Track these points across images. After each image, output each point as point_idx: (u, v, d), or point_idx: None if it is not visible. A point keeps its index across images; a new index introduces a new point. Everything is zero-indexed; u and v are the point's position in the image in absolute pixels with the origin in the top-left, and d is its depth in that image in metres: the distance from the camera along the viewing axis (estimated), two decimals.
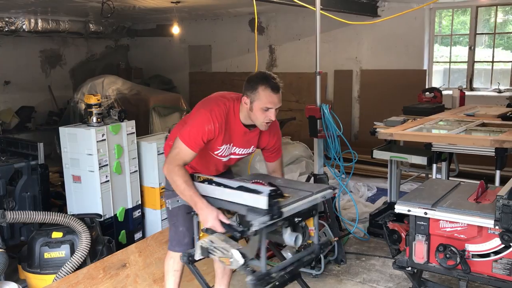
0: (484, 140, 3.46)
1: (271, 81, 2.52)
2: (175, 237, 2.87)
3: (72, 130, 3.96)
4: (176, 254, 2.85)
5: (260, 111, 2.52)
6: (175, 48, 9.45)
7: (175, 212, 2.78)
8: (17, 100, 8.17)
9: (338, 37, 7.41)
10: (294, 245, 2.32)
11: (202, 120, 2.52)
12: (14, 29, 7.15)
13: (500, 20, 6.72)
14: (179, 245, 2.86)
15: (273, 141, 2.80)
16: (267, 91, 2.50)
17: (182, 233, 2.84)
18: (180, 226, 2.84)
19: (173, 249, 2.89)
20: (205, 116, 2.52)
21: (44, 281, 3.25)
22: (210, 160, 2.72)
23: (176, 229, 2.85)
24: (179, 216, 2.80)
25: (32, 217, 3.41)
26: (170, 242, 2.93)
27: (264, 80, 2.51)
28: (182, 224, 2.82)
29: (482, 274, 2.31)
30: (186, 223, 2.78)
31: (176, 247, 2.87)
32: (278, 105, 2.55)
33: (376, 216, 4.43)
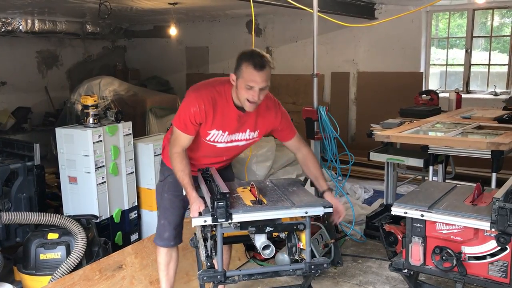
0: (480, 142, 3.47)
1: (256, 58, 2.41)
2: (157, 230, 2.88)
3: (69, 131, 3.94)
4: (158, 247, 2.87)
5: (243, 89, 2.44)
6: (172, 50, 9.44)
7: (159, 203, 2.86)
8: (13, 100, 8.14)
9: (335, 39, 7.42)
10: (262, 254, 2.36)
11: (189, 102, 2.51)
12: (11, 30, 7.14)
13: (496, 24, 6.75)
14: (159, 238, 2.86)
15: (277, 122, 2.70)
16: (250, 68, 2.40)
17: (162, 227, 2.83)
18: (161, 218, 2.84)
19: (155, 242, 2.90)
20: (192, 98, 2.52)
21: (40, 282, 3.24)
22: (203, 148, 2.67)
23: (159, 220, 2.86)
24: (161, 208, 2.85)
25: (27, 218, 3.40)
26: (156, 235, 2.93)
27: (248, 56, 2.42)
28: (164, 217, 2.83)
29: (478, 276, 2.31)
30: (168, 216, 2.81)
31: (157, 240, 2.88)
32: (261, 84, 2.43)
33: (372, 218, 4.43)
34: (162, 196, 2.84)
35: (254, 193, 2.53)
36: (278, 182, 2.75)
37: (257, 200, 2.45)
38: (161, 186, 2.86)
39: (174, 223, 2.83)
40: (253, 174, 5.25)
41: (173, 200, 2.80)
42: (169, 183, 2.79)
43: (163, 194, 2.84)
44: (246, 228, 2.34)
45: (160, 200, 2.86)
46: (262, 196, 2.51)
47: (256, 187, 2.53)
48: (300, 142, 2.82)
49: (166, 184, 2.81)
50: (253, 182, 2.65)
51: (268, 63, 2.43)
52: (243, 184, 2.78)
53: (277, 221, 2.38)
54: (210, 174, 2.67)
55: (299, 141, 2.81)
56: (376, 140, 4.03)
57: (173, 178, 2.65)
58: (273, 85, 8.60)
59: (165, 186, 2.82)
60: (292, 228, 2.39)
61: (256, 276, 2.43)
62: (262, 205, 2.41)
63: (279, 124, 2.71)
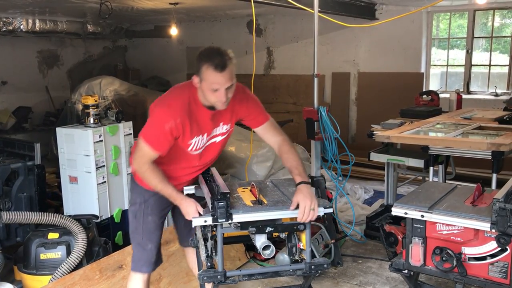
0: (481, 143, 3.47)
1: (214, 59, 2.22)
2: (142, 257, 2.64)
3: (69, 131, 3.95)
4: (142, 275, 2.66)
5: (209, 92, 2.28)
6: (173, 50, 9.45)
7: (139, 230, 2.62)
8: (14, 100, 8.15)
9: (336, 39, 7.42)
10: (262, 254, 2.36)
11: (161, 119, 2.32)
12: (12, 29, 7.14)
13: (497, 24, 6.74)
14: (147, 264, 2.65)
15: (248, 110, 2.54)
16: (210, 70, 2.22)
17: (150, 252, 2.64)
18: (147, 243, 2.63)
19: (139, 270, 2.66)
20: (164, 114, 2.33)
21: (40, 282, 3.24)
22: (183, 159, 2.51)
23: (144, 247, 2.63)
24: (145, 232, 2.62)
25: (28, 217, 3.40)
26: (135, 263, 2.67)
27: (206, 57, 2.24)
28: (151, 241, 2.63)
29: (478, 277, 2.31)
30: (155, 239, 2.64)
31: (143, 268, 2.66)
32: (225, 84, 2.25)
33: (373, 218, 4.43)
34: (145, 219, 2.61)
35: (254, 193, 2.53)
36: (278, 182, 2.75)
37: (257, 200, 2.45)
38: (141, 210, 2.61)
39: (159, 245, 2.69)
40: (253, 174, 5.26)
41: (158, 222, 2.64)
42: (151, 205, 2.60)
43: (145, 217, 2.61)
44: (247, 228, 2.34)
45: (142, 225, 2.61)
46: (262, 196, 2.51)
47: (257, 187, 2.53)
48: (275, 130, 2.60)
49: (149, 206, 2.60)
50: (254, 182, 2.65)
51: (229, 60, 2.25)
52: (243, 184, 2.78)
53: (278, 221, 2.38)
54: (210, 174, 2.67)
55: (273, 128, 2.60)
56: (377, 141, 4.03)
57: (155, 199, 2.55)
58: (273, 85, 8.62)
59: (147, 208, 2.60)
60: (293, 229, 2.39)
61: (256, 276, 2.43)
62: (263, 205, 2.41)
63: (247, 110, 2.54)
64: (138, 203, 2.62)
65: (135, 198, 2.64)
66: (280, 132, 2.62)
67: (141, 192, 2.60)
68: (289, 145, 2.57)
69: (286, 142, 2.58)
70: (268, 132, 2.60)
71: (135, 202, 2.64)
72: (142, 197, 2.60)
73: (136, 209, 2.62)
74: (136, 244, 2.66)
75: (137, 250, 2.66)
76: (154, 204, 2.59)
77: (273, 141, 2.60)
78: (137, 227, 2.63)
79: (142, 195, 2.60)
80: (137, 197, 2.63)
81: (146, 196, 2.59)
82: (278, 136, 2.59)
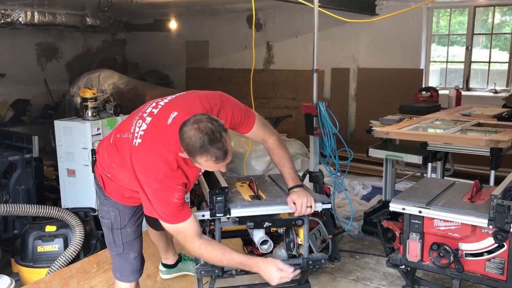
0: (480, 140, 3.47)
1: (213, 151, 1.96)
2: (126, 266, 2.52)
3: (67, 124, 3.94)
4: (129, 284, 2.56)
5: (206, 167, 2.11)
6: (172, 43, 9.42)
7: (118, 243, 2.46)
8: (12, 93, 8.12)
9: (335, 35, 7.40)
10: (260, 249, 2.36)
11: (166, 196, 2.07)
12: (10, 22, 7.11)
13: (497, 21, 6.73)
14: (133, 274, 2.54)
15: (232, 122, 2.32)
16: (210, 162, 2.01)
17: (135, 260, 2.52)
18: (131, 253, 2.50)
19: (127, 280, 2.55)
20: (164, 190, 2.06)
21: (37, 274, 3.24)
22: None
23: (126, 257, 2.50)
24: (126, 244, 2.47)
25: (25, 210, 3.40)
26: (119, 273, 2.54)
27: (203, 150, 1.95)
28: (134, 250, 2.51)
29: (475, 273, 2.32)
30: (137, 247, 2.51)
31: (130, 277, 2.54)
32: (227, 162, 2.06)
33: (370, 214, 4.43)
34: (123, 232, 2.46)
35: (253, 188, 2.54)
36: (277, 177, 2.75)
37: (256, 195, 2.45)
38: (117, 223, 2.44)
39: (141, 249, 2.58)
40: (252, 169, 5.25)
41: (135, 230, 2.50)
42: (127, 216, 2.45)
43: (123, 230, 2.46)
44: (245, 223, 2.35)
45: (121, 238, 2.46)
46: (261, 191, 2.51)
47: (255, 182, 2.53)
48: (264, 131, 2.42)
49: (125, 217, 2.45)
50: (252, 177, 2.65)
51: (227, 142, 1.99)
52: (242, 179, 2.78)
53: (276, 216, 2.39)
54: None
55: (262, 130, 2.41)
56: (375, 137, 4.02)
57: (129, 209, 2.43)
58: (273, 80, 8.61)
59: (124, 220, 2.44)
60: (291, 224, 2.40)
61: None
62: (261, 200, 2.41)
63: (233, 122, 2.31)
64: (113, 215, 2.43)
65: (107, 211, 2.45)
66: (270, 132, 2.44)
67: (113, 204, 2.43)
68: (279, 148, 2.43)
69: (275, 145, 2.43)
70: (257, 135, 2.44)
71: (108, 215, 2.45)
72: (116, 210, 2.43)
73: (112, 222, 2.44)
74: (116, 255, 2.52)
75: (118, 261, 2.53)
76: (130, 214, 2.45)
77: (265, 145, 2.47)
78: (114, 240, 2.47)
79: (115, 207, 2.43)
80: (109, 210, 2.44)
81: (120, 208, 2.43)
82: (266, 136, 2.43)
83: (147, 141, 2.14)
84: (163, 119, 2.15)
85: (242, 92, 8.32)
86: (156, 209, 2.11)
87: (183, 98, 2.30)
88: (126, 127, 2.28)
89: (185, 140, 1.97)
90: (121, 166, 2.26)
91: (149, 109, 2.25)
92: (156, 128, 2.15)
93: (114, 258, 2.55)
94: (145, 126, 2.17)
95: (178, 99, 2.29)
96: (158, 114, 2.20)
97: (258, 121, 2.40)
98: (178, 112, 2.15)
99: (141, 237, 2.56)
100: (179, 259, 3.22)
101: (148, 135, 2.15)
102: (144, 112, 2.25)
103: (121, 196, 2.40)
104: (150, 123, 2.18)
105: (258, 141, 2.51)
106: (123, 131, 2.28)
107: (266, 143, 2.45)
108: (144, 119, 2.20)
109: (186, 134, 1.96)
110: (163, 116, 2.17)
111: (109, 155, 2.34)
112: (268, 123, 2.49)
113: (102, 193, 2.45)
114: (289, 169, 2.42)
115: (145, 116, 2.22)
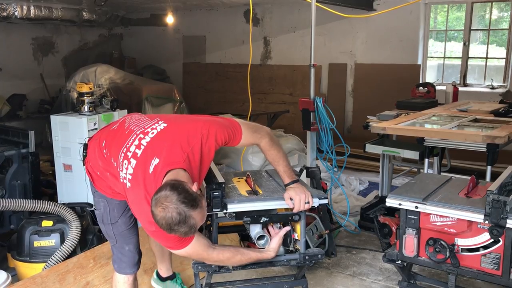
0: (476, 135, 3.47)
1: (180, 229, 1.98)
2: (123, 259, 2.55)
3: (64, 119, 3.93)
4: (126, 276, 2.58)
5: None
6: (169, 38, 9.38)
7: (110, 234, 2.51)
8: (8, 87, 8.08)
9: (333, 30, 7.39)
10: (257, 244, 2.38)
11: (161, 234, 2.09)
12: (6, 16, 7.05)
13: (494, 17, 6.73)
14: (129, 266, 2.57)
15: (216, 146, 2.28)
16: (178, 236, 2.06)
17: (130, 253, 2.55)
18: (125, 246, 2.53)
19: (124, 272, 2.58)
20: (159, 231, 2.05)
21: (34, 269, 3.24)
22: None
23: (121, 250, 2.54)
24: (119, 236, 2.51)
25: (22, 205, 3.39)
26: (117, 264, 2.59)
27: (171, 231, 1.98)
28: (127, 243, 2.53)
29: (471, 268, 2.32)
30: (131, 239, 2.54)
31: (127, 269, 2.57)
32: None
33: (367, 210, 4.45)
34: (114, 224, 2.49)
35: (250, 184, 2.53)
36: (273, 173, 2.75)
37: (252, 191, 2.45)
38: (107, 214, 2.48)
39: (138, 244, 2.60)
40: (248, 165, 5.25)
41: (128, 222, 2.51)
42: (116, 207, 2.46)
43: (113, 221, 2.48)
44: (241, 218, 2.35)
45: (112, 229, 2.50)
46: (257, 186, 2.51)
47: (252, 177, 2.53)
48: (254, 138, 2.40)
49: (114, 208, 2.47)
50: (249, 172, 2.65)
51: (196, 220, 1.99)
52: (238, 174, 2.78)
53: (272, 211, 2.39)
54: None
55: (251, 138, 2.39)
56: (372, 132, 4.03)
57: (116, 200, 2.44)
58: (270, 75, 8.60)
59: (113, 211, 2.47)
60: (287, 219, 2.40)
61: (250, 266, 2.44)
62: (258, 195, 2.41)
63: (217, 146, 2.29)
64: (102, 206, 2.48)
65: (97, 202, 2.50)
66: (259, 136, 2.40)
67: (101, 196, 2.47)
68: (271, 148, 2.42)
69: (267, 147, 2.41)
70: (248, 144, 2.44)
71: (98, 205, 2.50)
72: (104, 201, 2.47)
73: (102, 214, 2.49)
74: (113, 246, 2.58)
75: (115, 252, 2.58)
76: (119, 205, 2.46)
77: (255, 145, 2.46)
78: (107, 231, 2.52)
79: (103, 199, 2.47)
80: (99, 201, 2.48)
81: (108, 199, 2.46)
82: (257, 141, 2.41)
83: (135, 189, 2.17)
84: (145, 165, 2.15)
85: (239, 87, 8.36)
86: (160, 241, 2.22)
87: (165, 141, 2.23)
88: (114, 153, 2.30)
89: (155, 217, 1.98)
90: (116, 179, 2.31)
91: (133, 147, 2.23)
92: (141, 176, 2.16)
93: (112, 249, 2.60)
94: (131, 170, 2.18)
95: (160, 142, 2.23)
96: (141, 157, 2.19)
97: (246, 131, 2.36)
98: (160, 159, 2.14)
99: (135, 230, 2.56)
100: (171, 276, 3.14)
101: (135, 182, 2.17)
102: (128, 150, 2.24)
103: (110, 191, 2.44)
104: (135, 167, 2.18)
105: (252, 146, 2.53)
106: (113, 155, 2.31)
107: (259, 146, 2.45)
108: (129, 161, 2.20)
109: (155, 213, 1.97)
110: (145, 161, 2.17)
111: (104, 165, 2.37)
112: (256, 125, 2.46)
113: (91, 183, 2.51)
114: (283, 167, 2.43)
115: (129, 156, 2.22)
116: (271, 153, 2.43)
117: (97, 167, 2.44)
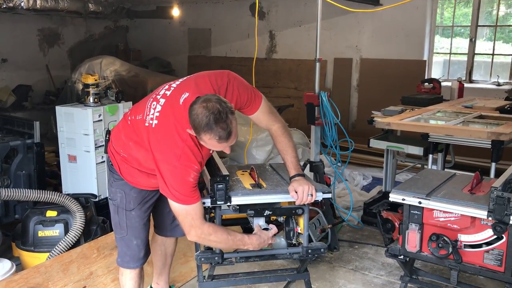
0: (481, 132, 3.46)
1: (217, 129, 2.01)
2: (128, 252, 2.52)
3: (69, 110, 3.94)
4: (130, 270, 2.56)
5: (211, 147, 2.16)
6: (174, 31, 9.37)
7: (122, 225, 2.47)
8: (14, 78, 8.11)
9: (339, 24, 7.36)
10: None
11: (181, 174, 2.12)
12: (12, 6, 7.06)
13: (502, 13, 6.68)
14: (133, 260, 2.53)
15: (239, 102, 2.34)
16: (213, 141, 2.06)
17: (136, 247, 2.51)
18: (133, 239, 2.50)
19: (126, 266, 2.55)
20: (180, 169, 2.11)
21: (38, 259, 3.27)
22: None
23: (128, 243, 2.50)
24: (130, 229, 2.48)
25: (26, 195, 3.41)
26: (121, 258, 2.55)
27: (208, 128, 2.01)
28: (136, 236, 2.50)
29: (473, 264, 2.33)
30: (141, 234, 2.51)
31: (130, 263, 2.54)
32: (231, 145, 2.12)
33: (370, 205, 4.45)
34: (128, 215, 2.46)
35: (253, 177, 2.54)
36: (277, 167, 2.75)
37: (256, 184, 2.45)
38: (122, 204, 2.46)
39: (147, 239, 2.57)
40: (252, 158, 5.26)
41: (143, 216, 2.50)
42: (133, 198, 2.45)
43: (128, 213, 2.46)
44: (245, 211, 2.36)
45: (125, 220, 2.47)
46: (261, 179, 2.52)
47: (256, 171, 2.54)
48: (269, 117, 2.43)
49: (131, 200, 2.44)
50: (253, 165, 2.65)
51: (232, 123, 2.04)
52: (243, 167, 2.79)
53: (276, 205, 2.40)
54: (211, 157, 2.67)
55: (267, 114, 2.43)
56: (377, 127, 4.02)
57: (136, 191, 2.43)
58: (275, 69, 8.55)
59: (130, 203, 2.45)
60: (291, 213, 2.41)
61: (253, 259, 2.45)
62: (262, 188, 2.42)
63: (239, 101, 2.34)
64: (119, 197, 2.46)
65: (114, 192, 2.47)
66: (274, 118, 2.45)
67: (120, 185, 2.44)
68: (283, 135, 2.45)
69: (279, 132, 2.45)
70: (262, 121, 2.45)
71: (115, 196, 2.48)
72: (122, 191, 2.45)
73: (117, 204, 2.46)
74: (120, 239, 2.53)
75: (121, 245, 2.54)
76: (137, 197, 2.45)
77: (270, 131, 2.49)
78: (119, 222, 2.49)
79: (122, 189, 2.45)
80: (117, 191, 2.46)
81: (126, 190, 2.44)
82: (271, 123, 2.45)
83: (163, 122, 2.20)
84: (175, 100, 2.22)
85: None
86: (171, 188, 2.15)
87: (194, 79, 2.36)
88: (140, 109, 2.33)
89: (193, 116, 2.04)
90: (138, 144, 2.30)
91: (162, 91, 2.32)
92: (170, 109, 2.21)
93: (118, 242, 2.57)
94: (159, 107, 2.23)
95: (189, 81, 2.35)
96: (171, 95, 2.26)
97: (265, 105, 2.42)
98: (189, 92, 2.22)
99: (147, 228, 2.55)
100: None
101: (164, 115, 2.21)
102: (158, 95, 2.31)
103: (131, 178, 2.43)
104: (164, 104, 2.24)
105: (262, 127, 2.51)
106: (138, 113, 2.34)
107: (270, 130, 2.47)
108: (158, 101, 2.26)
109: (194, 111, 2.04)
110: (175, 97, 2.24)
111: (126, 134, 2.38)
112: (275, 110, 2.50)
113: (112, 174, 2.48)
114: (291, 158, 2.43)
115: (158, 98, 2.28)
116: (281, 140, 2.44)
117: (120, 142, 2.40)
